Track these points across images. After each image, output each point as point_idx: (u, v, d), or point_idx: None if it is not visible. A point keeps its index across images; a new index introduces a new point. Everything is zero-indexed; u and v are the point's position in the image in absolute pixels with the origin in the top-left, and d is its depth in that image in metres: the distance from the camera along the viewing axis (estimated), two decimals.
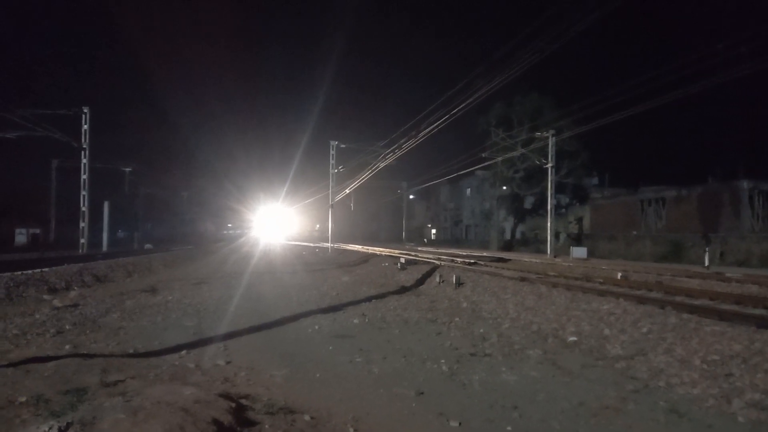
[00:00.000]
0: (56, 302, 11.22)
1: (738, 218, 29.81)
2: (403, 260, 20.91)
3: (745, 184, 30.17)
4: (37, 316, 9.57)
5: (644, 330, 7.82)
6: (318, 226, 72.47)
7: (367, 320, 9.82)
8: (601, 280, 14.99)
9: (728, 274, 16.96)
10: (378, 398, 5.42)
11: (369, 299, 12.51)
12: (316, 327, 9.18)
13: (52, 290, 13.35)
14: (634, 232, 34.45)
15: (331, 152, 36.94)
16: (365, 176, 34.65)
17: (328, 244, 37.41)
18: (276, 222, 70.96)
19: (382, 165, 31.65)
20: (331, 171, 37.32)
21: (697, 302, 10.55)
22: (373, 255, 28.18)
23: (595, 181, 52.60)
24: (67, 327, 8.67)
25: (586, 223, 41.60)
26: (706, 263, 22.56)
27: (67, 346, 7.20)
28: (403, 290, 14.43)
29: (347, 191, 39.40)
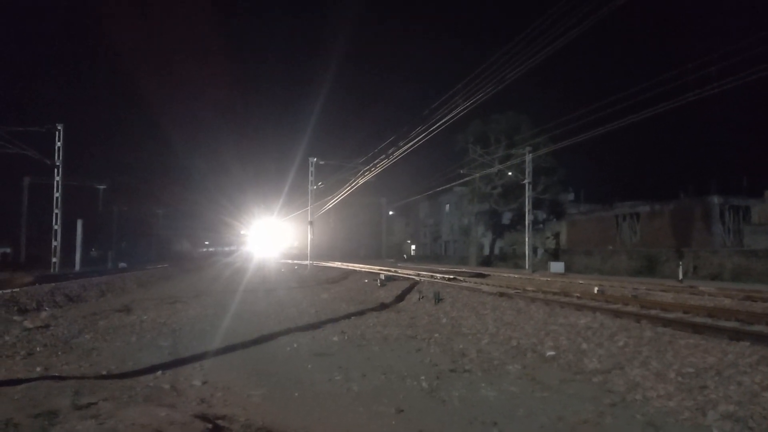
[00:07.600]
0: (27, 323, 10.90)
1: (710, 233, 30.48)
2: (382, 276, 20.86)
3: (716, 200, 30.91)
4: (7, 338, 9.31)
5: (621, 344, 7.92)
6: (296, 243, 71.74)
7: (346, 337, 9.75)
8: (579, 295, 15.14)
9: (701, 288, 17.30)
10: (357, 417, 5.37)
11: (348, 316, 12.43)
12: (295, 345, 9.09)
13: (23, 311, 12.98)
14: (610, 247, 34.97)
15: (310, 168, 36.91)
16: (344, 193, 34.69)
17: (307, 262, 37.17)
18: (265, 239, 70.14)
19: (361, 182, 31.75)
20: (310, 187, 37.24)
21: (671, 315, 10.72)
22: (353, 272, 28.07)
23: (571, 197, 53.43)
24: (38, 348, 8.44)
25: (563, 238, 42.10)
26: (680, 277, 22.99)
27: (38, 368, 7.01)
28: (382, 307, 14.38)
29: (326, 207, 39.31)
